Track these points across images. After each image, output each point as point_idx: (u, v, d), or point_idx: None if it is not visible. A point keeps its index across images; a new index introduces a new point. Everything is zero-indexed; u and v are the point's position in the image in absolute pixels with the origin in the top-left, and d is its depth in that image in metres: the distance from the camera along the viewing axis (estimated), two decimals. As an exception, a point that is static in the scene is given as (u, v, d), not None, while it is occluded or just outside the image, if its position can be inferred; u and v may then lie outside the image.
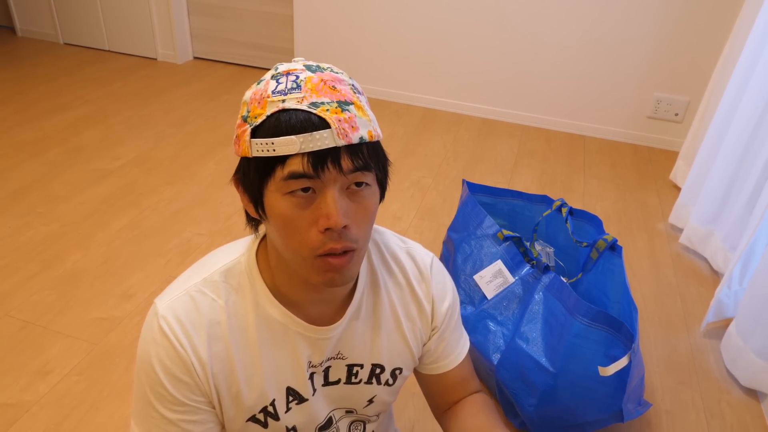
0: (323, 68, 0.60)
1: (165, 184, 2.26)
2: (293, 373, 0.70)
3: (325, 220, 0.57)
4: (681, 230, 2.19)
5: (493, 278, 1.41)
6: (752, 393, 1.53)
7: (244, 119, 0.59)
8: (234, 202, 2.17)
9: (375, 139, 0.60)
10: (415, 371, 0.85)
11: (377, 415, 0.83)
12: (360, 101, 0.60)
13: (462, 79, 3.04)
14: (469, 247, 1.47)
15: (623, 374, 1.16)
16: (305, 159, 0.56)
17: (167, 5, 3.34)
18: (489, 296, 1.40)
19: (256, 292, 0.67)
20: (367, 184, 0.60)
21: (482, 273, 1.42)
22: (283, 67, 0.60)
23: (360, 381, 0.75)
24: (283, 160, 0.57)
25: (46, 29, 3.68)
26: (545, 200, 1.62)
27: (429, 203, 2.27)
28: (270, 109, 0.57)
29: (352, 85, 0.61)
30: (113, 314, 1.62)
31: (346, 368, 0.74)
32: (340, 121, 0.56)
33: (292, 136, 0.55)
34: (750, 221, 1.67)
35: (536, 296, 1.32)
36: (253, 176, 0.60)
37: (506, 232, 1.42)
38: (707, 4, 2.53)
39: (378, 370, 0.76)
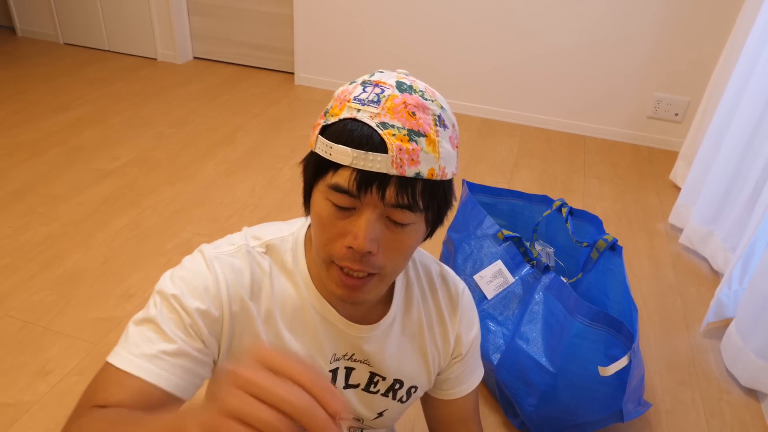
0: (415, 90, 0.58)
1: (165, 184, 2.26)
2: (317, 360, 0.70)
3: (352, 239, 0.56)
4: (681, 230, 2.19)
5: (493, 278, 1.41)
6: (752, 393, 1.53)
7: (325, 113, 0.59)
8: (234, 202, 2.17)
9: (437, 177, 0.57)
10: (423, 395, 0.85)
11: (381, 429, 0.83)
12: (437, 135, 0.57)
13: (462, 79, 3.04)
14: (469, 247, 1.47)
15: (623, 374, 1.16)
16: (353, 176, 0.55)
17: (167, 5, 3.34)
18: (489, 296, 1.40)
19: (297, 272, 0.67)
20: (408, 223, 0.58)
21: (482, 273, 1.42)
22: (376, 76, 0.59)
23: (377, 392, 0.75)
24: (336, 167, 0.56)
25: (46, 29, 3.68)
26: (545, 200, 1.62)
27: (429, 203, 2.26)
28: (344, 114, 0.56)
29: (438, 117, 0.58)
30: (113, 314, 1.62)
31: (368, 375, 0.74)
32: (401, 150, 0.54)
33: (348, 149, 0.54)
34: (750, 221, 1.67)
35: (536, 296, 1.32)
36: (310, 169, 0.60)
37: (506, 232, 1.42)
38: (707, 4, 2.53)
39: (397, 386, 0.76)
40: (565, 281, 1.28)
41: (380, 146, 0.54)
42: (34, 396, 1.36)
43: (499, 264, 1.41)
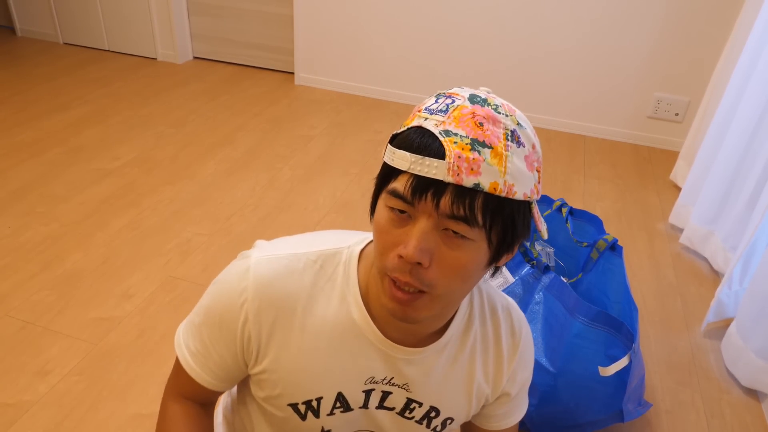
0: (489, 104, 0.56)
1: (165, 184, 2.26)
2: (351, 380, 0.68)
3: (403, 248, 0.55)
4: (681, 230, 2.18)
5: (493, 278, 1.41)
6: (752, 393, 1.53)
7: (402, 125, 0.59)
8: (234, 202, 2.17)
9: (501, 193, 0.53)
10: None
11: None
12: (507, 150, 0.54)
13: (462, 79, 3.04)
14: (469, 247, 1.47)
15: (623, 374, 1.16)
16: (410, 181, 0.54)
17: (167, 5, 3.34)
18: (489, 296, 1.40)
19: (346, 287, 0.66)
20: (465, 237, 0.55)
21: (482, 273, 1.42)
22: (453, 90, 0.58)
23: (413, 418, 0.73)
24: (397, 173, 0.56)
25: (46, 29, 3.68)
26: (545, 200, 1.62)
27: (429, 203, 2.26)
28: (414, 123, 0.56)
29: (512, 132, 0.55)
30: (113, 314, 1.62)
31: (405, 400, 0.71)
32: (460, 158, 0.52)
33: (408, 153, 0.54)
34: (750, 221, 1.67)
35: (536, 296, 1.32)
36: (380, 177, 0.60)
37: (506, 232, 1.42)
38: (707, 4, 2.53)
39: (433, 414, 0.73)
40: (565, 281, 1.28)
41: (439, 152, 0.52)
42: (33, 396, 1.36)
43: (499, 264, 1.41)
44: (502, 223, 0.56)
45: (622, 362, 1.14)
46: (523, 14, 2.79)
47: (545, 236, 0.62)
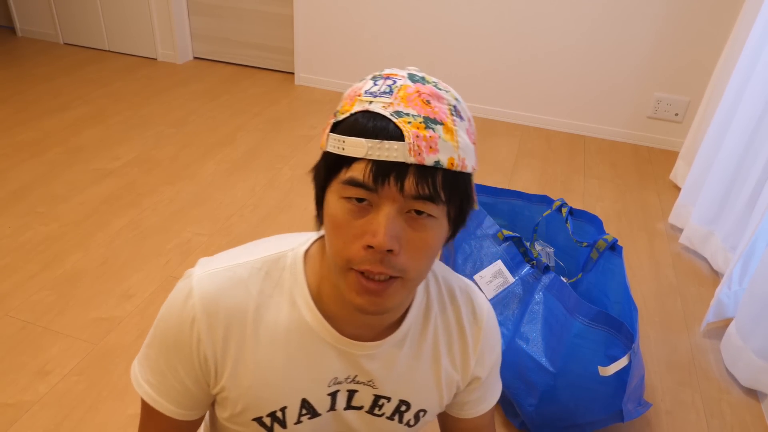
0: (428, 81, 0.56)
1: (165, 184, 2.26)
2: (313, 385, 0.66)
3: (370, 237, 0.53)
4: (681, 230, 2.19)
5: (493, 278, 1.41)
6: (752, 393, 1.53)
7: (335, 113, 0.57)
8: (234, 202, 2.17)
9: (457, 168, 0.54)
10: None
11: None
12: (454, 125, 0.54)
13: (462, 79, 3.04)
14: (469, 247, 1.47)
15: (623, 374, 1.16)
16: (368, 168, 0.52)
17: (167, 5, 3.34)
18: (489, 296, 1.40)
19: (295, 290, 0.64)
20: (430, 215, 0.54)
21: (482, 273, 1.42)
22: (387, 71, 0.58)
23: (383, 414, 0.71)
24: (350, 162, 0.53)
25: (46, 29, 3.68)
26: (545, 200, 1.62)
27: (429, 203, 2.26)
28: (356, 108, 0.54)
29: (454, 107, 0.56)
30: (113, 314, 1.62)
31: (373, 397, 0.70)
32: (418, 137, 0.52)
33: (363, 139, 0.52)
34: (750, 221, 1.67)
35: (536, 296, 1.32)
36: (322, 170, 0.57)
37: (506, 232, 1.42)
38: (707, 4, 2.53)
39: (403, 407, 0.71)
40: (565, 281, 1.28)
41: (396, 134, 0.52)
42: (33, 396, 1.36)
43: (499, 264, 1.41)
44: (459, 196, 0.56)
45: (622, 362, 1.14)
46: (523, 14, 2.79)
47: (476, 206, 0.62)
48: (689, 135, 2.44)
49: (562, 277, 1.35)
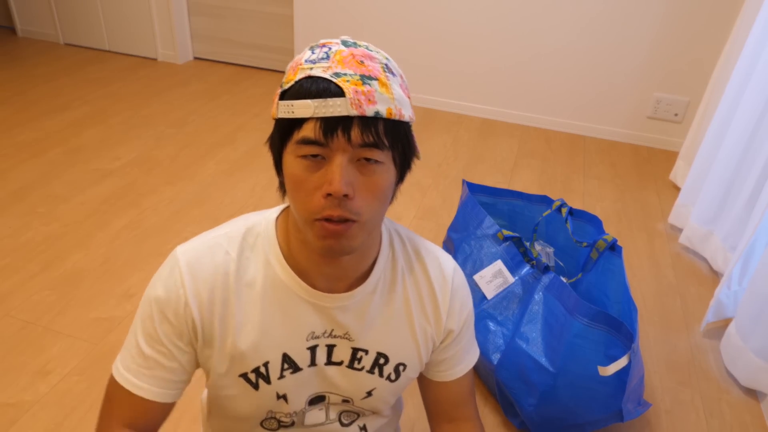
0: (359, 45, 0.63)
1: (165, 184, 2.26)
2: (292, 339, 0.71)
3: (328, 186, 0.59)
4: (681, 230, 2.19)
5: (493, 278, 1.41)
6: (752, 393, 1.53)
7: (281, 84, 0.63)
8: (234, 202, 2.18)
9: (395, 117, 0.61)
10: (419, 376, 0.85)
11: (373, 413, 0.83)
12: (388, 80, 0.61)
13: (462, 79, 3.04)
14: (469, 247, 1.47)
15: (623, 374, 1.16)
16: (317, 125, 0.58)
17: (167, 5, 3.34)
18: (489, 296, 1.41)
19: (268, 252, 0.70)
20: (377, 161, 0.61)
21: (482, 273, 1.42)
22: (323, 40, 0.64)
23: (363, 368, 0.75)
24: (300, 124, 0.60)
25: (47, 29, 3.68)
26: (545, 200, 1.62)
27: (429, 203, 2.27)
28: (299, 76, 0.60)
29: (385, 65, 0.63)
30: (113, 314, 1.62)
31: (351, 351, 0.74)
32: (357, 92, 0.58)
33: (309, 101, 0.58)
34: (750, 221, 1.67)
35: (536, 296, 1.33)
36: (276, 137, 0.64)
37: (506, 232, 1.42)
38: (707, 4, 2.53)
39: (382, 360, 0.75)
40: (565, 281, 1.28)
41: (337, 92, 0.58)
42: (34, 396, 1.36)
43: (498, 264, 1.41)
44: (401, 142, 0.63)
45: (622, 362, 1.14)
46: (523, 14, 2.79)
47: (420, 157, 0.70)
48: (689, 135, 2.44)
49: (561, 277, 1.35)
